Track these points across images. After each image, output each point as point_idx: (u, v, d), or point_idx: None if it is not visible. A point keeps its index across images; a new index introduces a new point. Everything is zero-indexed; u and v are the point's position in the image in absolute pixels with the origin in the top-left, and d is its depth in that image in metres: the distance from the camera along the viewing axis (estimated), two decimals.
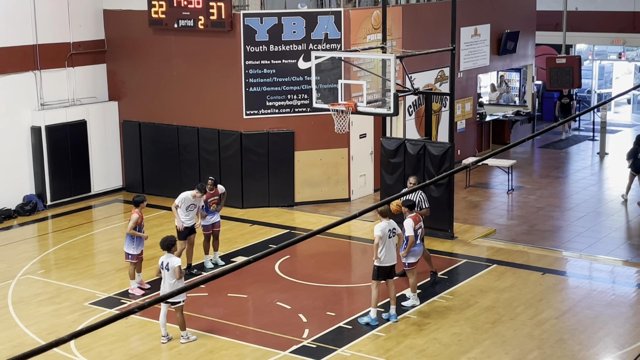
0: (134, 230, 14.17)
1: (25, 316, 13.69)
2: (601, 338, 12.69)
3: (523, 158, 24.27)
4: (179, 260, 12.50)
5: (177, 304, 12.46)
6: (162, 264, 12.48)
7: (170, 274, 12.38)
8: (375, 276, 13.06)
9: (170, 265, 12.37)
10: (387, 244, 12.96)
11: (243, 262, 4.51)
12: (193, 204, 15.03)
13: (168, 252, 12.51)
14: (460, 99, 23.14)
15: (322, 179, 19.77)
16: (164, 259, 12.49)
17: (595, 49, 30.80)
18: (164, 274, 12.48)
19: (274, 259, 15.95)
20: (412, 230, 13.48)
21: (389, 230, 12.98)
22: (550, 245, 16.87)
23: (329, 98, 16.84)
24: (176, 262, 12.38)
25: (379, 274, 13.03)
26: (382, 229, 12.88)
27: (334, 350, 12.26)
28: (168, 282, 12.45)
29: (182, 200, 14.94)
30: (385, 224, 12.99)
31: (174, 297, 12.16)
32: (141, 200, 14.47)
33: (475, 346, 12.38)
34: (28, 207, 19.43)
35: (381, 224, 12.98)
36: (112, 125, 21.18)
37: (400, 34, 20.38)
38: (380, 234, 12.84)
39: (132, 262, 14.40)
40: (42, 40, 19.79)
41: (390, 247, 13.01)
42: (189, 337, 12.65)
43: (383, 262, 12.97)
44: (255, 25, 18.95)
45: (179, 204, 14.95)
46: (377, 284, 13.05)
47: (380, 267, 12.99)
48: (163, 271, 12.49)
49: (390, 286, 13.20)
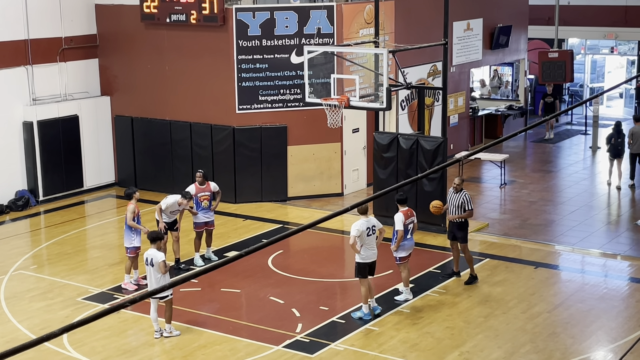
0: (133, 221, 14.16)
1: (17, 311, 13.67)
2: (593, 332, 12.73)
3: (515, 152, 24.31)
4: (163, 255, 12.46)
5: (165, 298, 12.46)
6: (147, 260, 12.45)
7: (155, 269, 12.35)
8: (358, 273, 13.06)
9: (154, 261, 12.34)
10: (367, 241, 12.94)
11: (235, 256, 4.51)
12: (178, 210, 15.03)
13: (152, 244, 12.47)
14: (453, 94, 23.16)
15: (315, 174, 19.77)
16: (148, 254, 12.45)
17: (587, 43, 30.85)
18: (149, 269, 12.45)
19: (267, 254, 15.95)
20: (402, 225, 13.50)
21: (368, 227, 12.93)
22: (543, 239, 16.91)
23: (321, 93, 16.84)
24: (160, 257, 12.34)
25: (360, 271, 13.03)
26: (358, 227, 12.85)
27: (327, 345, 12.28)
28: (154, 277, 12.42)
29: (167, 203, 14.89)
30: (363, 221, 12.94)
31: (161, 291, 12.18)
32: (132, 192, 14.45)
33: (468, 340, 12.41)
34: (20, 203, 19.39)
35: (358, 222, 12.95)
36: (104, 120, 21.14)
37: (393, 29, 20.38)
38: (356, 233, 12.82)
39: (129, 257, 14.38)
40: (34, 35, 19.73)
41: (369, 244, 12.99)
42: (172, 332, 12.62)
43: (364, 259, 12.98)
44: (247, 20, 18.92)
45: (163, 207, 14.89)
46: (363, 280, 13.05)
47: (361, 263, 12.99)
48: (147, 267, 12.46)
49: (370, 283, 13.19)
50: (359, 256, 12.95)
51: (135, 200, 14.35)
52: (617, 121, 21.42)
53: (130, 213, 14.17)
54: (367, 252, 12.94)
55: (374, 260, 13.08)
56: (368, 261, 12.99)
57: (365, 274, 13.01)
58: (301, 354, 12.02)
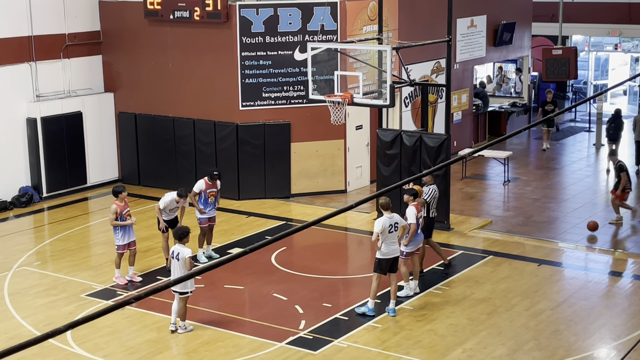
0: (116, 221, 14.21)
1: (21, 308, 13.68)
2: (597, 329, 12.72)
3: (519, 149, 24.28)
4: (190, 252, 12.49)
5: (184, 294, 12.48)
6: (173, 254, 12.51)
7: (180, 264, 12.38)
8: (377, 268, 13.04)
9: (180, 256, 12.37)
10: (389, 238, 12.91)
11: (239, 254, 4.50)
12: (176, 207, 15.06)
13: (179, 242, 12.51)
14: (457, 90, 23.14)
15: (319, 171, 19.76)
16: (175, 249, 12.52)
17: (591, 40, 30.81)
18: (174, 263, 12.49)
19: (270, 251, 15.95)
20: (415, 219, 13.46)
21: (390, 224, 12.88)
22: (546, 236, 16.89)
23: (325, 89, 16.82)
24: (187, 253, 12.38)
25: (380, 266, 13.02)
26: (382, 224, 12.81)
27: (330, 342, 12.28)
28: (178, 272, 12.44)
29: (164, 202, 14.96)
30: (386, 218, 12.91)
31: (182, 287, 12.25)
32: (119, 190, 14.47)
33: (472, 337, 12.41)
34: (24, 199, 19.40)
35: (381, 219, 12.91)
36: (107, 116, 21.14)
37: (397, 25, 20.35)
38: (379, 230, 12.78)
39: (118, 252, 14.48)
40: (38, 32, 19.73)
41: (391, 240, 12.96)
42: (187, 328, 12.68)
43: (385, 255, 12.95)
44: (251, 17, 18.91)
45: (162, 206, 14.96)
46: (378, 276, 13.02)
47: (382, 259, 12.97)
48: (173, 261, 12.50)
49: (392, 280, 13.16)
50: (380, 252, 12.92)
51: (122, 200, 14.37)
52: (617, 109, 22.85)
53: (112, 214, 14.24)
54: (388, 248, 12.92)
55: (396, 256, 13.08)
56: (389, 257, 12.97)
57: (384, 270, 13.00)
58: (304, 350, 12.02)
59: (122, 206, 14.30)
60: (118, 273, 14.64)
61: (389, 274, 13.08)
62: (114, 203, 14.35)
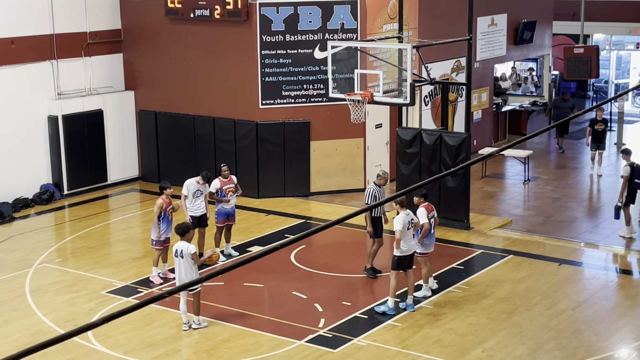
0: (158, 216, 14.28)
1: (42, 304, 13.78)
2: (618, 329, 12.65)
3: (539, 148, 24.16)
4: (194, 247, 12.53)
5: (195, 290, 12.52)
6: (176, 252, 12.50)
7: (185, 261, 12.40)
8: (396, 266, 13.06)
9: (184, 252, 12.39)
10: (406, 235, 12.99)
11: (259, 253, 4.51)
12: (199, 189, 15.09)
13: (182, 238, 12.54)
14: (477, 89, 23.06)
15: (338, 169, 19.76)
16: (177, 247, 12.52)
17: (612, 39, 30.61)
18: (178, 261, 12.49)
19: (289, 249, 15.97)
20: (426, 218, 13.49)
21: (408, 221, 13.03)
22: (567, 236, 16.81)
23: (345, 88, 16.82)
24: (191, 248, 12.41)
25: (399, 264, 13.04)
26: (402, 221, 12.90)
27: (349, 340, 12.28)
28: (183, 269, 12.46)
29: (188, 187, 15.03)
30: (404, 215, 13.01)
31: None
32: (165, 187, 14.57)
33: (491, 336, 12.37)
34: (45, 196, 19.53)
35: (401, 217, 12.97)
36: (128, 114, 21.24)
37: (417, 24, 20.32)
38: (401, 227, 12.85)
39: (156, 249, 14.48)
40: (59, 30, 19.85)
41: (408, 236, 13.07)
42: (201, 324, 12.71)
43: (404, 252, 12.99)
44: (271, 15, 18.93)
45: (186, 193, 15.04)
46: (397, 273, 13.05)
47: (401, 257, 13.01)
48: (177, 259, 12.51)
49: (410, 276, 13.21)
50: (399, 250, 12.96)
51: (167, 196, 14.44)
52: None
53: (157, 207, 14.31)
54: (407, 244, 13.01)
55: (413, 252, 13.18)
56: (408, 254, 13.04)
57: (404, 267, 13.05)
58: (324, 349, 12.03)
59: (167, 202, 14.40)
60: (155, 272, 14.64)
61: (407, 271, 13.13)
62: (160, 198, 14.43)
